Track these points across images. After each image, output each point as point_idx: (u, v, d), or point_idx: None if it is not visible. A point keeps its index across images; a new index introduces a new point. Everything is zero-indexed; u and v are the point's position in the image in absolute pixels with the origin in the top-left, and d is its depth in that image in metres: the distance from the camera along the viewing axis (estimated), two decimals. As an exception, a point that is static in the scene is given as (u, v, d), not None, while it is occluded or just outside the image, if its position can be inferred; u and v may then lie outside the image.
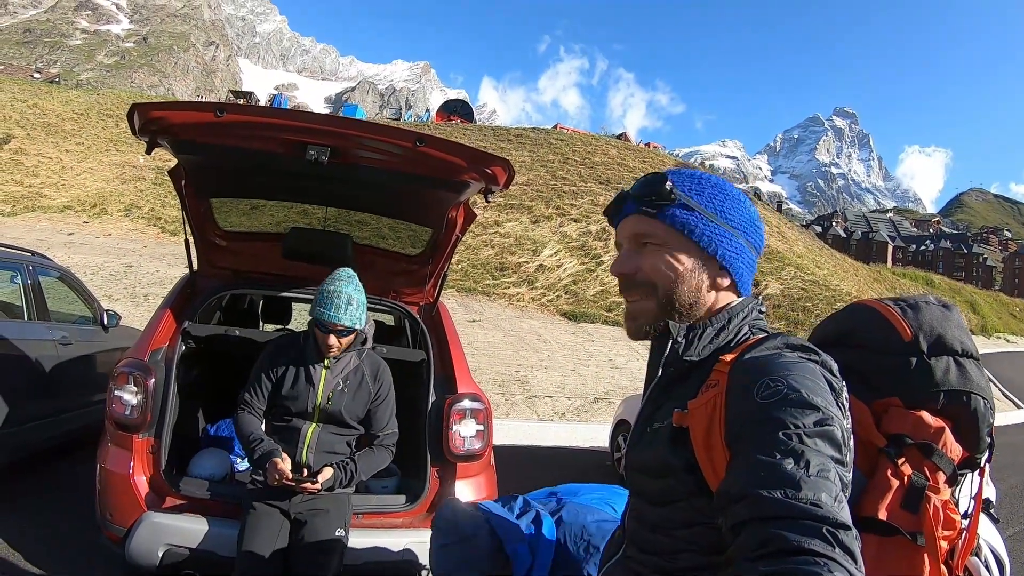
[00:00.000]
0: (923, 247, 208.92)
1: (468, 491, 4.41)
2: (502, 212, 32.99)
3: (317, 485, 3.59)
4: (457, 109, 71.74)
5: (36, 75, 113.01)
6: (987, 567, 2.20)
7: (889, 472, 1.79)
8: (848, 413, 1.35)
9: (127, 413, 4.08)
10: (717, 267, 1.57)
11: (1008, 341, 54.24)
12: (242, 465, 4.80)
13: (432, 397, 4.61)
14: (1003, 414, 17.43)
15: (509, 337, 20.07)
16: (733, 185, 1.64)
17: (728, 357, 1.44)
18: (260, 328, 6.39)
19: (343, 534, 3.74)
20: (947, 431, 1.84)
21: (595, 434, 11.26)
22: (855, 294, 33.32)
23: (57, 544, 4.97)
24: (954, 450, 1.84)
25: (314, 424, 3.87)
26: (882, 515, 1.73)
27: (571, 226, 33.14)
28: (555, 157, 42.04)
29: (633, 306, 1.64)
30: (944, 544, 1.73)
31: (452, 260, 5.34)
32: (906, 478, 1.77)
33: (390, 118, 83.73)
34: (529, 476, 7.79)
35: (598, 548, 2.98)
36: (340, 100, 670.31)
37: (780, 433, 1.21)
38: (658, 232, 1.57)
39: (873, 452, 1.83)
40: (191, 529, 3.87)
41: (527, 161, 40.29)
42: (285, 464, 3.58)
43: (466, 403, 4.47)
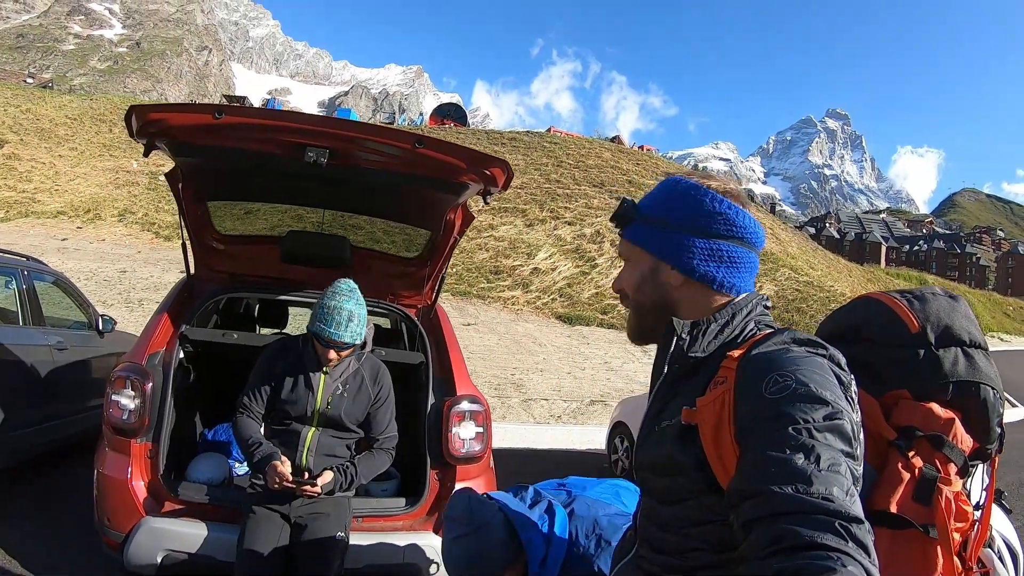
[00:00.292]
0: (916, 247, 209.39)
1: None
2: (496, 215, 32.99)
3: (317, 488, 3.57)
4: (451, 113, 71.84)
5: (29, 80, 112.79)
6: (1000, 558, 2.21)
7: (900, 465, 1.78)
8: (857, 407, 1.35)
9: (125, 418, 4.05)
10: (668, 268, 1.62)
11: (1002, 340, 54.47)
12: (240, 469, 4.77)
13: (431, 399, 4.59)
14: (999, 413, 17.31)
15: (504, 340, 20.07)
16: (697, 185, 1.64)
17: (735, 353, 1.43)
18: (257, 332, 6.36)
19: (344, 537, 3.72)
20: (957, 422, 1.83)
21: (592, 436, 11.27)
22: (849, 295, 33.36)
23: (55, 549, 4.94)
24: (964, 441, 1.82)
25: (314, 428, 3.85)
26: (894, 508, 1.72)
27: (565, 229, 33.15)
28: (549, 160, 42.07)
29: (628, 315, 1.73)
30: (957, 536, 1.72)
31: (449, 263, 5.31)
32: (917, 470, 1.76)
33: (383, 122, 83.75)
34: (527, 479, 7.78)
35: (609, 543, 2.98)
36: (333, 104, 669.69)
37: (790, 428, 1.21)
38: (625, 248, 1.72)
39: (883, 445, 1.82)
40: (190, 534, 3.85)
41: (521, 164, 40.27)
42: (285, 467, 3.56)
43: (465, 405, 4.45)
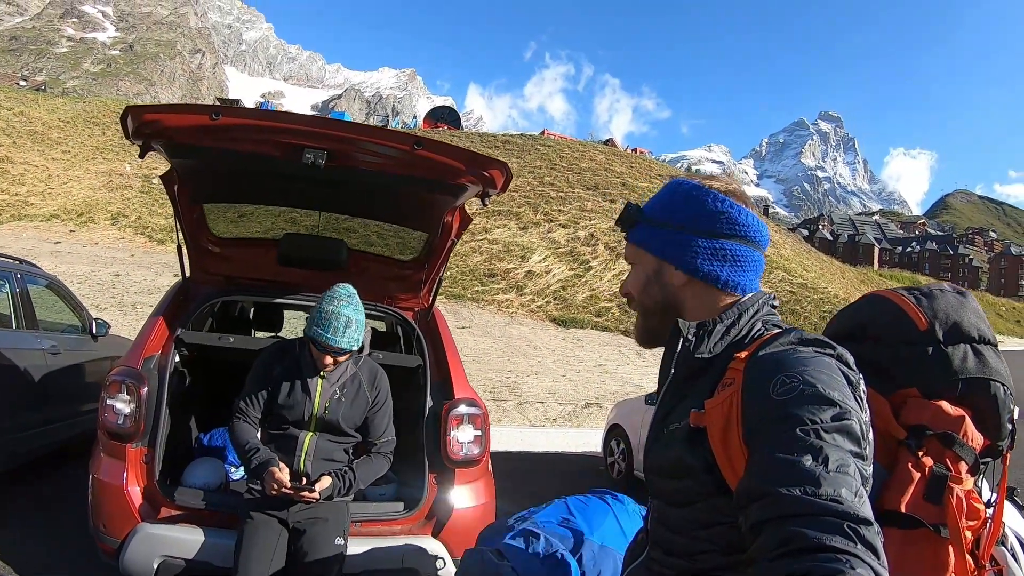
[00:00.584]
0: (909, 249, 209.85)
1: (467, 497, 4.38)
2: (490, 218, 33.03)
3: (315, 494, 3.55)
4: (444, 116, 71.94)
5: (22, 83, 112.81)
6: (1014, 555, 2.20)
7: (910, 464, 1.76)
8: (866, 406, 1.34)
9: (120, 422, 4.00)
10: (672, 268, 1.62)
11: (995, 341, 54.73)
12: (236, 474, 4.74)
13: (429, 403, 4.57)
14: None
15: (499, 343, 20.11)
16: (699, 185, 1.65)
17: (742, 354, 1.43)
18: (253, 335, 6.31)
19: (342, 543, 3.69)
20: (967, 420, 1.82)
21: (587, 439, 11.28)
22: (842, 296, 33.45)
23: (54, 550, 4.94)
24: (975, 439, 1.81)
25: (311, 432, 3.81)
26: (904, 508, 1.71)
27: (559, 232, 33.19)
28: (542, 163, 42.15)
29: (636, 318, 1.74)
30: (969, 534, 1.71)
31: (447, 265, 5.30)
32: (927, 469, 1.74)
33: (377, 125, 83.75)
34: (523, 482, 7.78)
35: None
36: (327, 107, 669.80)
37: (798, 429, 1.20)
38: (630, 251, 1.74)
39: (893, 445, 1.82)
40: (187, 540, 3.81)
41: (515, 167, 39.93)
42: (283, 474, 3.53)
43: (463, 408, 4.42)
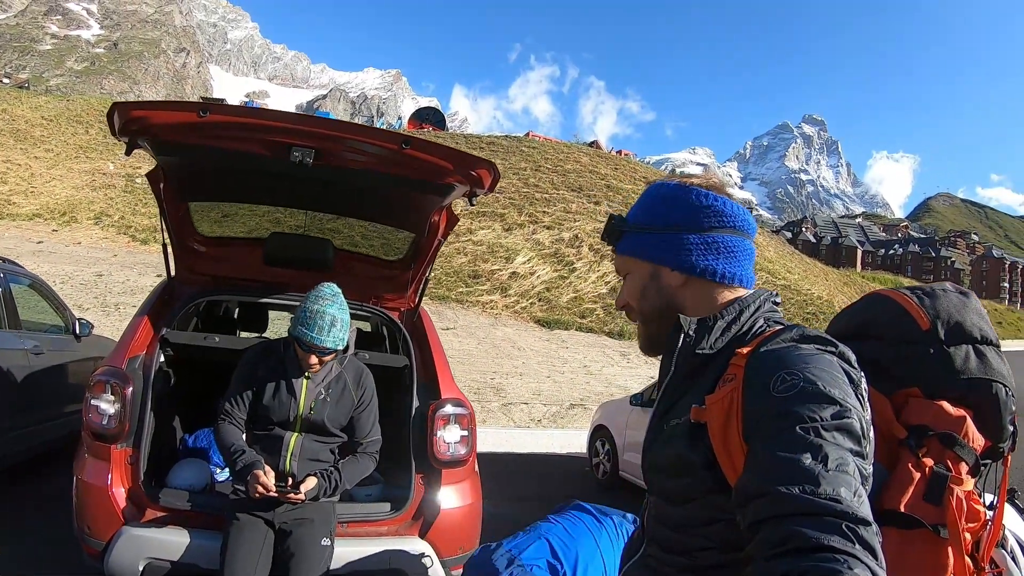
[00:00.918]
0: (892, 251, 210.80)
1: (453, 497, 4.37)
2: (475, 220, 33.00)
3: (301, 496, 3.53)
4: (429, 117, 71.74)
5: (5, 80, 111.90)
6: (1014, 558, 2.21)
7: (910, 464, 1.77)
8: (868, 405, 1.34)
9: (104, 423, 3.96)
10: (668, 270, 1.61)
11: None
12: (222, 475, 4.72)
13: (416, 403, 4.56)
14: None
15: (484, 345, 20.12)
16: (680, 184, 1.66)
17: (744, 350, 1.42)
18: (238, 336, 6.26)
19: (329, 543, 3.68)
20: (968, 420, 1.82)
21: (572, 440, 11.33)
22: (825, 298, 33.68)
23: (35, 559, 4.90)
24: (976, 440, 1.82)
25: (297, 433, 3.80)
26: (904, 508, 1.72)
27: (544, 233, 33.19)
28: (527, 165, 42.08)
29: (637, 327, 1.72)
30: (968, 536, 1.72)
31: (433, 265, 5.30)
32: (928, 470, 1.75)
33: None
34: (508, 484, 7.83)
35: None
36: (312, 108, 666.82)
37: (798, 427, 1.20)
38: (621, 263, 1.72)
39: (894, 444, 1.83)
40: (172, 542, 3.79)
41: (499, 168, 40.27)
42: (268, 477, 3.50)
43: (450, 408, 4.42)
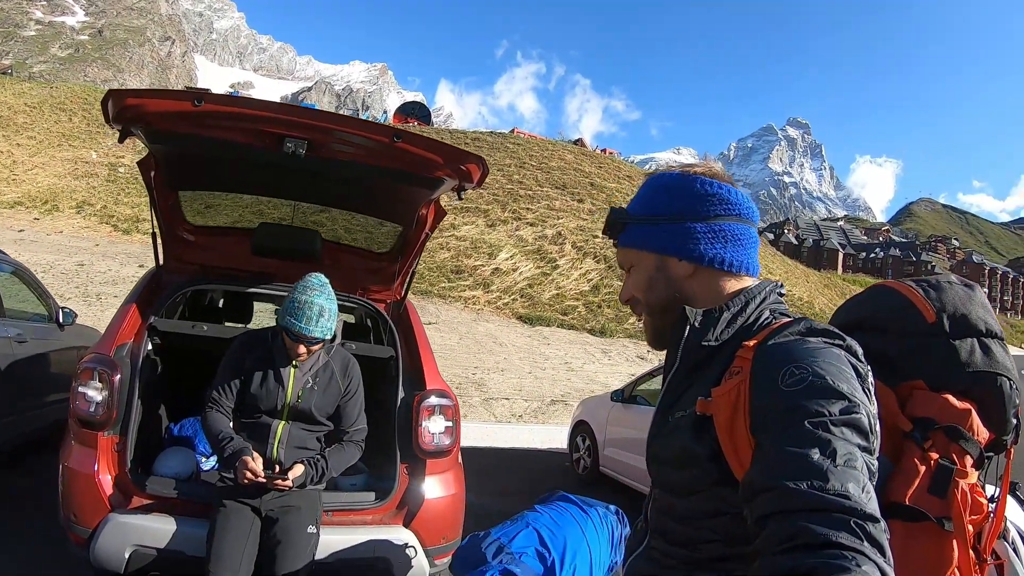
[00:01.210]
0: (873, 255, 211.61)
1: (437, 487, 4.41)
2: (458, 215, 33.01)
3: (289, 482, 3.56)
4: (414, 112, 71.35)
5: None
6: (1015, 550, 2.25)
7: (915, 457, 1.79)
8: (874, 398, 1.33)
9: (92, 410, 3.94)
10: (675, 260, 1.58)
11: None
12: (207, 464, 4.74)
13: (401, 394, 4.59)
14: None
15: (465, 340, 20.18)
16: (683, 173, 1.62)
17: (750, 343, 1.40)
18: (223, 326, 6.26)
19: (315, 531, 3.71)
20: (973, 413, 1.83)
21: (553, 436, 11.43)
22: (807, 299, 33.94)
23: (18, 551, 4.88)
24: (980, 432, 1.83)
25: (284, 421, 3.83)
26: (909, 501, 1.74)
27: (527, 230, 33.27)
28: (512, 161, 42.10)
29: (642, 321, 1.69)
30: (971, 528, 1.74)
31: (420, 258, 5.33)
32: (933, 463, 1.77)
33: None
34: (490, 478, 7.89)
35: None
36: (296, 100, 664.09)
37: (806, 422, 1.19)
38: (624, 256, 1.68)
39: (899, 437, 1.83)
40: (158, 529, 3.78)
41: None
42: (256, 463, 3.53)
43: (435, 399, 4.45)
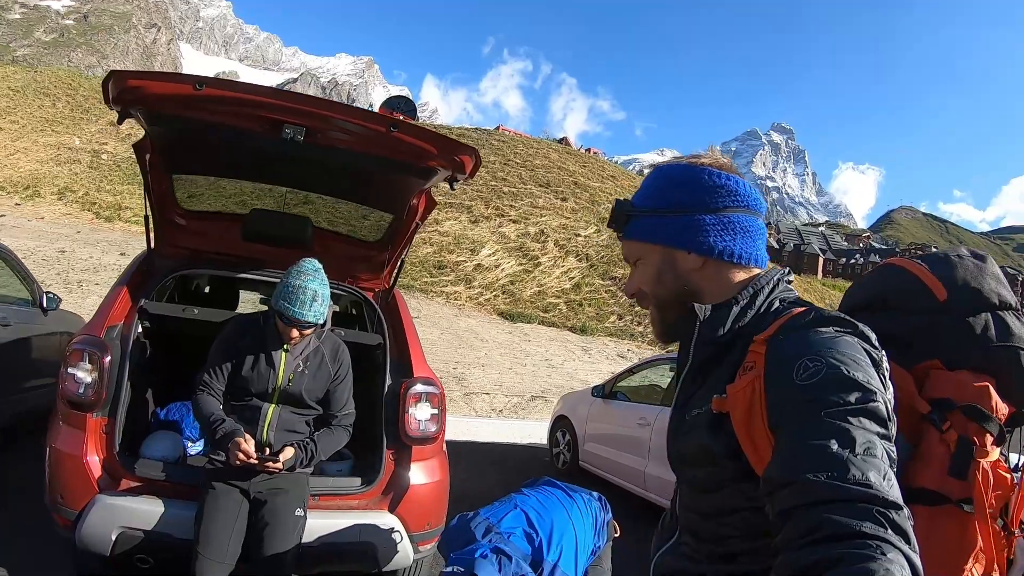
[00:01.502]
0: (853, 260, 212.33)
1: (423, 473, 4.47)
2: (441, 211, 33.02)
3: (279, 464, 3.60)
4: (400, 106, 70.79)
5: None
6: None
7: (935, 440, 1.77)
8: (890, 383, 1.32)
9: (81, 391, 3.95)
10: (684, 253, 1.55)
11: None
12: (194, 449, 4.76)
13: (388, 381, 4.64)
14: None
15: (447, 335, 20.21)
16: (690, 165, 1.59)
17: (762, 336, 1.40)
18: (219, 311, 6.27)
19: (302, 514, 3.75)
20: (991, 389, 1.79)
21: (532, 431, 11.53)
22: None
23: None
24: (1000, 408, 1.79)
25: (274, 405, 3.86)
26: (930, 485, 1.73)
27: (510, 227, 33.34)
28: (496, 158, 42.11)
29: (651, 315, 1.64)
30: (994, 503, 1.72)
31: (409, 248, 5.37)
32: (952, 444, 1.74)
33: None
34: (469, 472, 7.95)
35: None
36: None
37: (823, 414, 1.19)
38: (630, 248, 1.63)
39: (917, 419, 1.81)
40: (146, 511, 3.79)
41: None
42: (249, 444, 3.57)
43: (421, 387, 4.51)
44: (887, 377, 1.32)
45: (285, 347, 3.89)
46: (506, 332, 23.35)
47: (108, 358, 4.06)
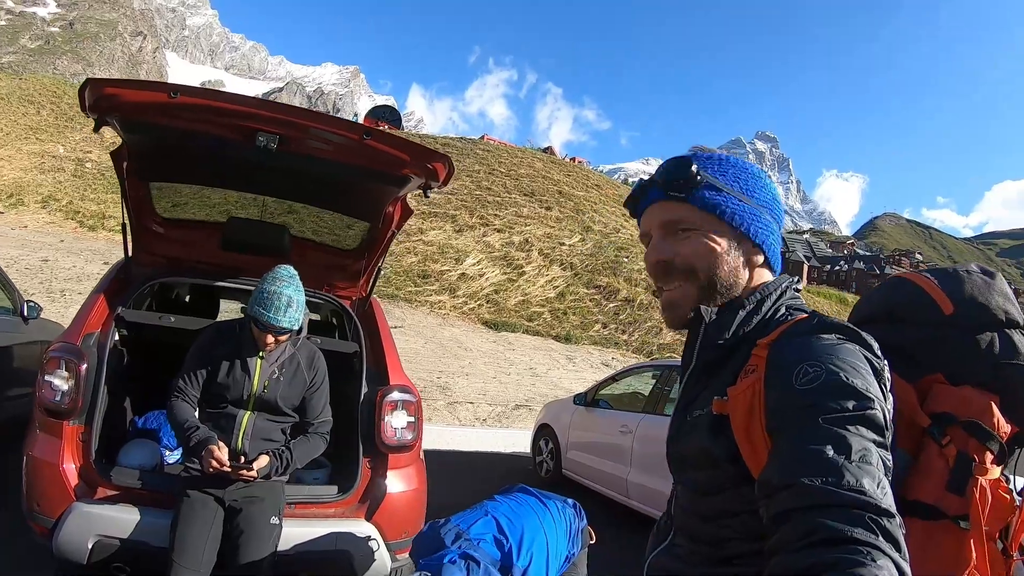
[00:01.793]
0: (837, 267, 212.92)
1: (399, 481, 4.46)
2: (426, 220, 33.04)
3: (253, 472, 3.60)
4: (385, 115, 70.93)
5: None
6: None
7: (934, 453, 1.76)
8: (891, 393, 1.33)
9: (57, 399, 3.94)
10: (751, 245, 1.54)
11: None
12: (171, 457, 4.75)
13: (364, 388, 4.64)
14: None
15: (431, 344, 20.21)
16: (753, 164, 1.60)
17: (765, 340, 1.41)
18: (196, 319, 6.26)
19: (277, 522, 3.75)
20: (994, 406, 1.78)
21: (516, 440, 11.55)
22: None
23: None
24: (1002, 426, 1.77)
25: (249, 412, 3.87)
26: (927, 498, 1.72)
27: (494, 236, 33.34)
28: (481, 168, 42.16)
29: (672, 294, 1.57)
30: (991, 525, 1.70)
31: (386, 256, 5.38)
32: (951, 459, 1.74)
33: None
34: (451, 480, 7.92)
35: None
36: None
37: (820, 419, 1.20)
38: (691, 215, 1.53)
39: (918, 432, 1.80)
40: (122, 519, 3.78)
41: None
42: (222, 452, 3.58)
43: (397, 395, 4.51)
44: (888, 386, 1.32)
45: (261, 354, 3.90)
46: (490, 341, 23.35)
47: (84, 366, 4.05)
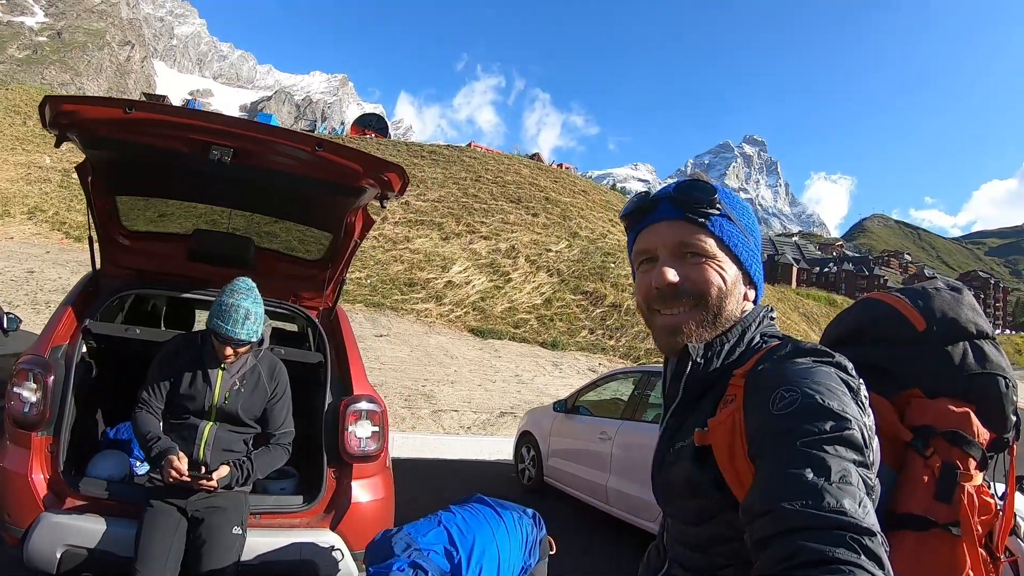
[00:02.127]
0: (827, 269, 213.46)
1: (365, 491, 4.49)
2: (412, 228, 33.08)
3: (213, 483, 3.66)
4: (372, 123, 71.01)
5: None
6: None
7: (919, 465, 1.81)
8: (869, 411, 1.33)
9: (26, 410, 4.02)
10: (748, 281, 1.57)
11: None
12: (141, 468, 4.77)
13: (329, 399, 4.67)
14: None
15: (416, 352, 20.19)
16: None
17: (741, 370, 1.43)
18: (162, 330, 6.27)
19: (240, 532, 3.80)
20: (972, 415, 1.84)
21: (500, 447, 11.52)
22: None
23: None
24: (981, 434, 1.84)
25: (211, 423, 3.93)
26: (916, 510, 1.77)
27: (481, 243, 33.34)
28: (467, 175, 42.20)
29: (675, 319, 1.53)
30: (980, 529, 1.76)
31: (351, 266, 5.41)
32: (936, 469, 1.79)
33: (304, 129, 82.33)
34: (434, 488, 7.97)
35: None
36: (256, 109, 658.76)
37: (798, 443, 1.20)
38: (708, 243, 1.52)
39: (900, 447, 1.85)
40: (90, 529, 3.84)
41: (439, 178, 40.52)
42: (181, 463, 3.64)
43: (362, 405, 4.54)
44: (866, 404, 1.33)
45: (222, 365, 3.96)
46: (476, 349, 23.33)
47: (52, 377, 4.12)
